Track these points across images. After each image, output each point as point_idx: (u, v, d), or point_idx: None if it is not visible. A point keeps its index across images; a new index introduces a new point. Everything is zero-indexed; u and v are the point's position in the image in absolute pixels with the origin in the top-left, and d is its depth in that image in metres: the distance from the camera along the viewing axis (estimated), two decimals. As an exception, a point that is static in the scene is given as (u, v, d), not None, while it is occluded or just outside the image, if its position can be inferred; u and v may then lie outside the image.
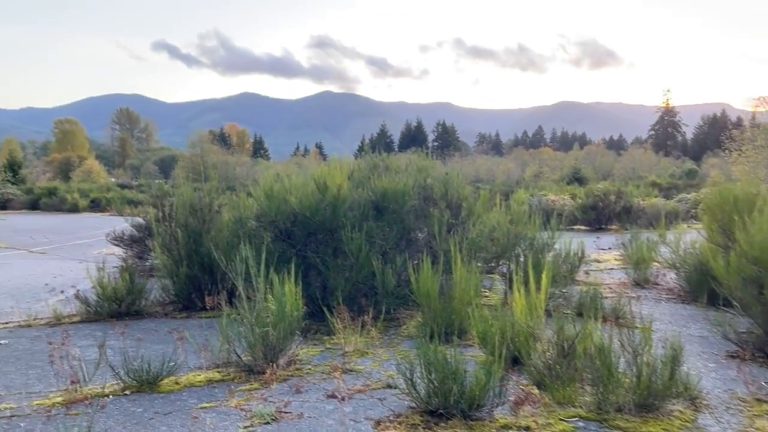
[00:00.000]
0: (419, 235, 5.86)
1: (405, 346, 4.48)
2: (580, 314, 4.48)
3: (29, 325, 5.37)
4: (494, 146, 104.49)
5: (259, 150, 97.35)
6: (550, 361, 3.47)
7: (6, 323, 5.47)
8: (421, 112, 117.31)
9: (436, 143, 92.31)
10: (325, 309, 4.61)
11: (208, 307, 4.29)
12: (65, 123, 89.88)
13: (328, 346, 4.46)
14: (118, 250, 9.08)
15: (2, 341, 4.83)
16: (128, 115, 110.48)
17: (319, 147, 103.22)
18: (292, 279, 3.87)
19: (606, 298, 5.64)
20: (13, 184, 38.50)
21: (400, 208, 5.46)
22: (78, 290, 5.81)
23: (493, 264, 6.76)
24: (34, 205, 29.03)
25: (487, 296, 6.08)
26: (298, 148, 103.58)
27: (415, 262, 4.91)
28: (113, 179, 60.26)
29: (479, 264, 5.66)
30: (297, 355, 4.01)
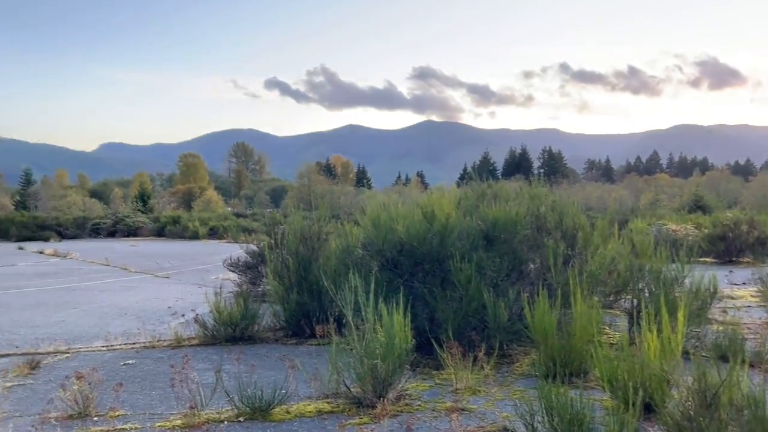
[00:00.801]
0: (531, 266, 5.56)
1: (520, 385, 4.21)
2: (720, 357, 3.99)
3: (153, 347, 5.69)
4: (604, 172, 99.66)
5: (362, 179, 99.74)
6: (691, 412, 3.08)
7: (133, 344, 5.84)
8: (526, 139, 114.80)
9: (542, 170, 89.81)
10: (433, 342, 4.46)
11: (317, 335, 4.29)
12: (188, 157, 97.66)
13: (438, 381, 4.30)
14: (234, 276, 9.51)
15: (129, 361, 5.14)
16: (243, 149, 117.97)
17: (420, 176, 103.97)
18: (401, 310, 3.78)
19: (746, 339, 5.02)
20: (142, 213, 42.17)
21: (512, 238, 5.23)
22: (197, 314, 6.09)
23: (611, 298, 6.28)
24: (160, 233, 31.48)
25: (608, 334, 5.63)
26: (399, 177, 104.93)
27: (528, 294, 4.64)
28: (230, 208, 64.19)
29: (598, 298, 5.27)
30: (406, 390, 3.88)
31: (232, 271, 9.36)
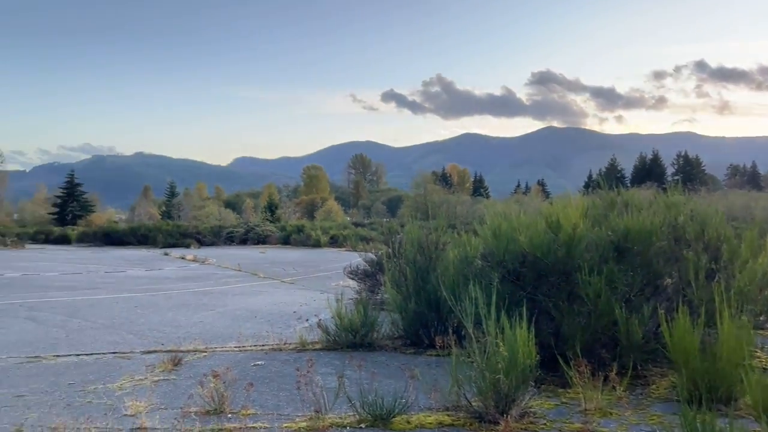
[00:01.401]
0: (668, 280, 5.12)
1: (657, 409, 3.87)
2: None
3: (280, 349, 5.97)
4: (750, 179, 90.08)
5: (479, 188, 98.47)
6: None
7: (262, 346, 6.16)
8: (658, 144, 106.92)
9: (676, 177, 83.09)
10: (558, 358, 4.24)
11: (437, 346, 4.25)
12: (311, 169, 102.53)
13: (564, 400, 4.07)
14: (353, 283, 9.76)
15: (259, 362, 5.43)
16: (362, 161, 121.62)
17: (541, 184, 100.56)
18: (524, 324, 3.63)
19: None
20: (271, 222, 44.82)
21: (646, 250, 4.85)
22: (320, 319, 6.31)
23: (763, 318, 5.63)
24: (286, 241, 33.26)
25: (760, 357, 5.04)
26: (518, 185, 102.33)
27: (664, 311, 4.27)
28: (349, 218, 66.32)
29: (748, 318, 4.73)
30: (530, 407, 3.72)
31: (352, 279, 9.62)
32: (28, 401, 4.22)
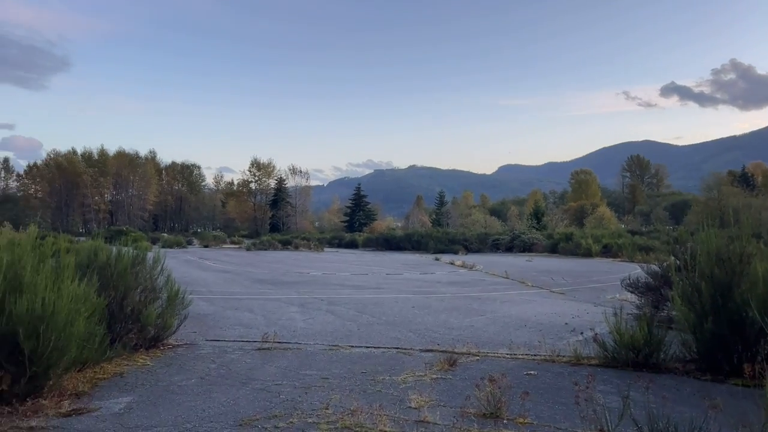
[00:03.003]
0: None
1: None
2: None
3: (553, 361, 5.80)
4: None
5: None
6: None
7: (534, 356, 6.07)
8: None
9: None
10: None
11: (744, 374, 3.63)
12: (580, 174, 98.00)
13: None
14: (632, 297, 8.97)
15: (531, 372, 5.35)
16: (638, 162, 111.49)
17: None
18: None
19: None
20: (536, 229, 44.14)
21: None
22: (596, 333, 5.94)
23: None
24: (553, 249, 32.33)
25: None
26: None
27: None
28: (623, 225, 61.42)
29: None
30: None
31: (631, 292, 8.84)
32: (331, 383, 4.88)
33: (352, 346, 6.56)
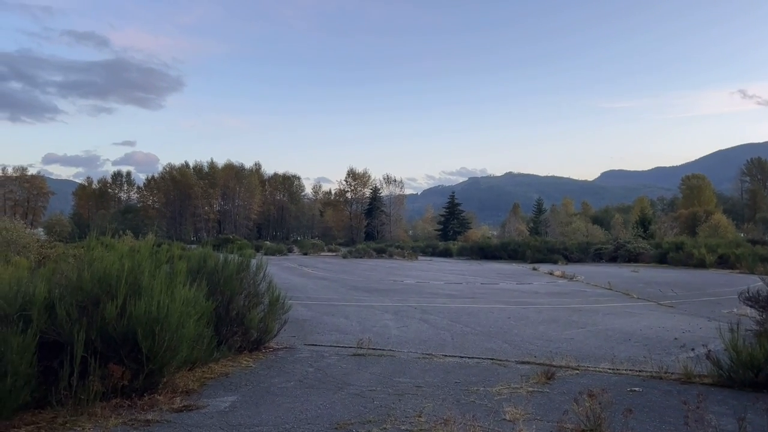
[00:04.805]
0: None
1: None
2: None
3: (660, 378, 5.45)
4: None
5: None
6: None
7: (639, 371, 5.74)
8: None
9: None
10: None
11: None
12: (692, 179, 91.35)
13: None
14: (752, 312, 8.23)
15: (636, 388, 5.06)
16: (760, 165, 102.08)
17: None
18: None
19: None
20: (643, 238, 41.64)
21: None
22: (709, 350, 5.52)
23: None
24: (662, 259, 30.30)
25: None
26: None
27: None
28: (742, 234, 56.52)
29: None
30: None
31: (750, 306, 8.11)
32: (425, 392, 4.89)
33: (446, 356, 6.53)
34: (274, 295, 6.73)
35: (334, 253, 43.61)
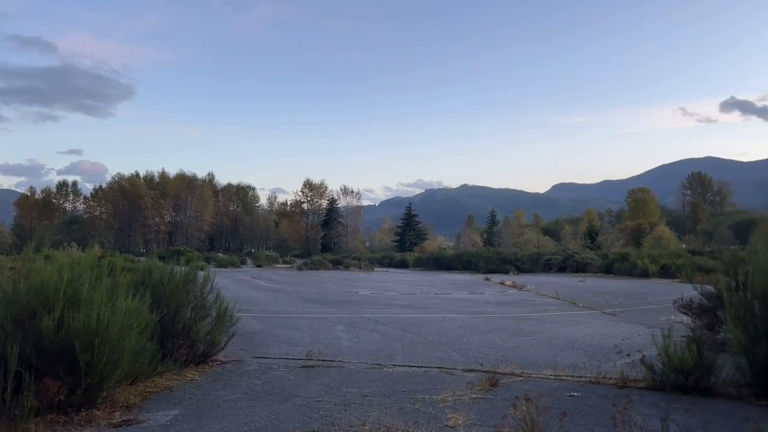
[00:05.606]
0: None
1: None
2: None
3: (598, 383, 5.67)
4: None
5: None
6: None
7: (579, 377, 5.95)
8: None
9: None
10: None
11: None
12: (637, 192, 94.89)
13: None
14: (686, 319, 8.64)
15: (574, 393, 5.25)
16: (700, 180, 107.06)
17: None
18: None
19: None
20: (591, 249, 42.92)
21: None
22: (644, 356, 5.77)
23: None
24: (608, 269, 31.33)
25: None
26: None
27: None
28: (683, 245, 59.01)
29: None
30: None
31: (684, 314, 8.52)
32: (371, 401, 4.94)
33: (395, 365, 6.60)
34: (222, 307, 6.66)
35: (289, 265, 43.16)
